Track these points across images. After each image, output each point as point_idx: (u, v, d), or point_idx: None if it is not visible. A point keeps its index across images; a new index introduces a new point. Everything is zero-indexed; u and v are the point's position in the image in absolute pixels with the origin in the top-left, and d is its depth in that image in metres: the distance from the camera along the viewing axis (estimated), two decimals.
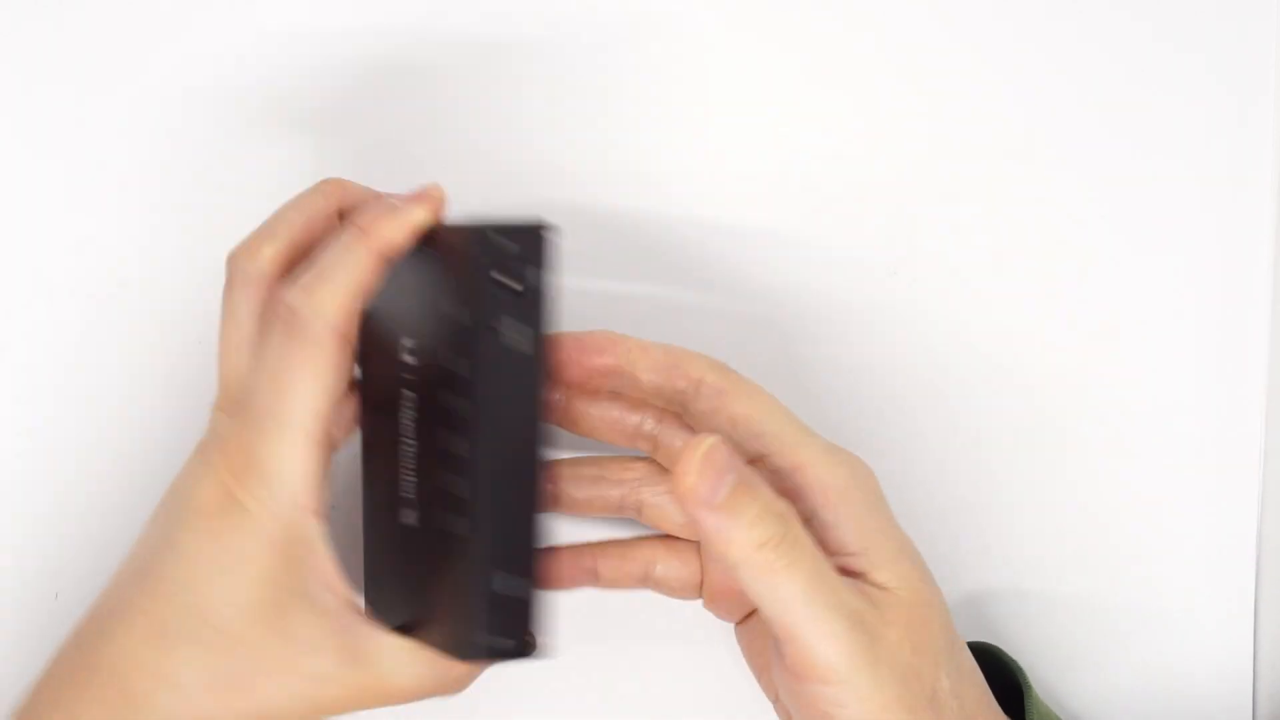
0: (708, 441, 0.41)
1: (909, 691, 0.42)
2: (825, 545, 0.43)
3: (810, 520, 0.44)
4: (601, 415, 0.48)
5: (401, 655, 0.43)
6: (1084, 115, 0.54)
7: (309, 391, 0.42)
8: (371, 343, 0.44)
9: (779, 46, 0.54)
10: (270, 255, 0.44)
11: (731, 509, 0.41)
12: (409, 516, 0.44)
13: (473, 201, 0.53)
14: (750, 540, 0.41)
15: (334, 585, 0.43)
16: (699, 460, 0.40)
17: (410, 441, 0.43)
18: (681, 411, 0.47)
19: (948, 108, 0.54)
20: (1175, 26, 0.53)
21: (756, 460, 0.45)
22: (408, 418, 0.43)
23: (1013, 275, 0.54)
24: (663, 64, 0.54)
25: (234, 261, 0.45)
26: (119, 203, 0.55)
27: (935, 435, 0.54)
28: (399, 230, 0.43)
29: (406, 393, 0.43)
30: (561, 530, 0.50)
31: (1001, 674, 0.49)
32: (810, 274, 0.55)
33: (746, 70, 0.54)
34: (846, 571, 0.44)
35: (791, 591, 0.41)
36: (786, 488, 0.44)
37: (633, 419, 0.48)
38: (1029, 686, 0.48)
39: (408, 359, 0.43)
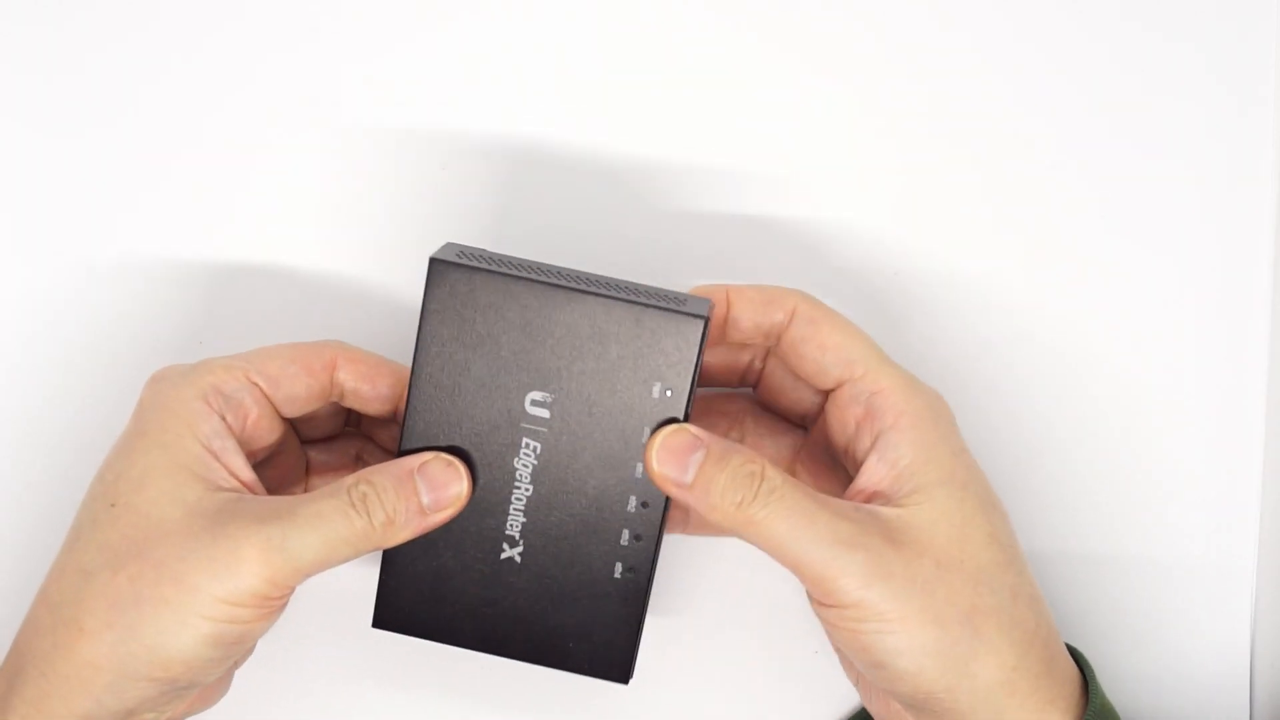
0: (666, 430, 0.46)
1: (934, 603, 0.45)
2: (882, 462, 0.47)
3: (879, 439, 0.47)
4: (715, 361, 0.52)
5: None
6: (1085, 115, 0.54)
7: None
8: (473, 381, 0.47)
9: (779, 46, 0.54)
10: (240, 383, 0.48)
11: (704, 484, 0.45)
12: (510, 552, 0.48)
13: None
14: (728, 503, 0.45)
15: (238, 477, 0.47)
16: (658, 448, 0.46)
17: (525, 485, 0.47)
18: (776, 343, 0.49)
19: (948, 108, 0.54)
20: (1175, 26, 0.53)
21: (841, 385, 0.48)
22: (525, 464, 0.47)
23: (1013, 276, 0.54)
24: (662, 63, 0.54)
25: (206, 374, 0.48)
26: (122, 203, 0.56)
27: None
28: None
29: (529, 441, 0.47)
30: None
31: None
32: (811, 274, 0.55)
33: (747, 71, 0.54)
34: (878, 494, 0.47)
35: (780, 534, 0.45)
36: (862, 411, 0.48)
37: (743, 358, 0.52)
38: (1093, 676, 0.48)
39: (535, 410, 0.47)
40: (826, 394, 0.49)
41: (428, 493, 0.46)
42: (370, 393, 0.49)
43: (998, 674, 0.45)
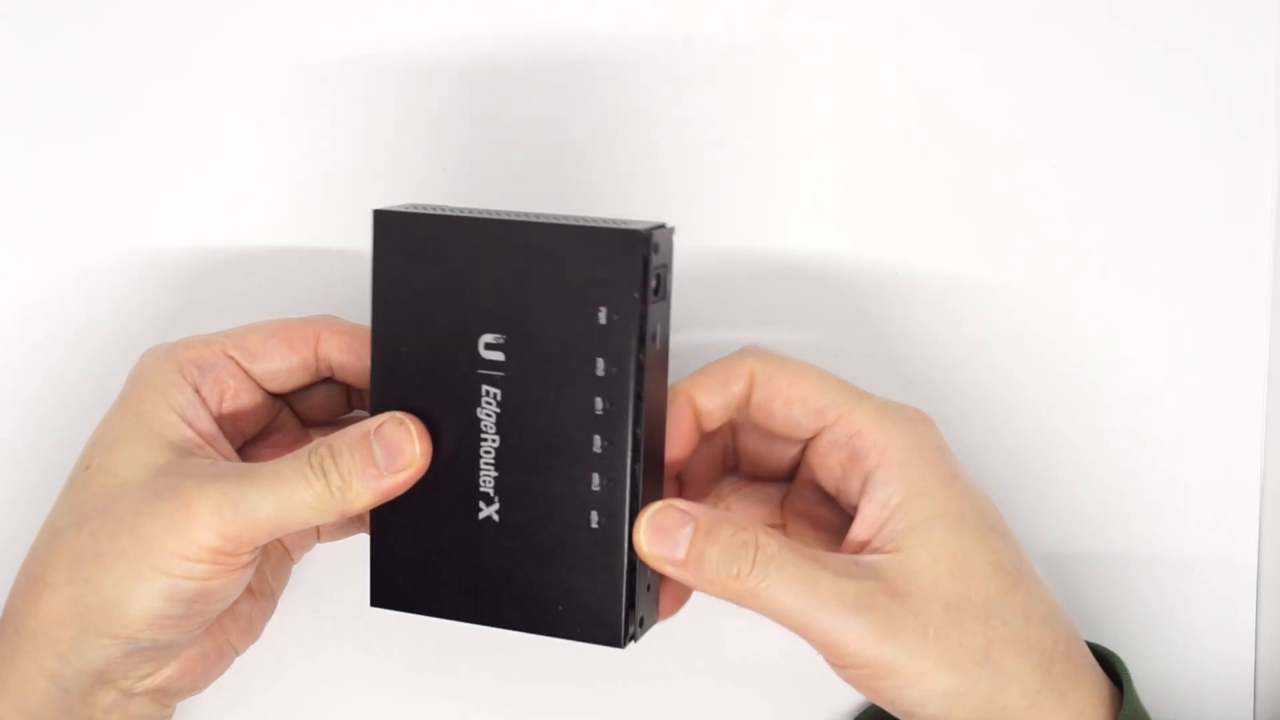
0: (652, 508, 0.45)
1: (949, 649, 0.44)
2: (873, 504, 0.46)
3: (868, 481, 0.46)
4: (699, 464, 0.51)
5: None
6: (1085, 116, 0.54)
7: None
8: (428, 333, 0.46)
9: (779, 48, 0.54)
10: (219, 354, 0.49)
11: (695, 559, 0.44)
12: (487, 510, 0.46)
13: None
14: (725, 577, 0.44)
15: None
16: (645, 528, 0.45)
17: (492, 437, 0.45)
18: (746, 413, 0.48)
19: (948, 110, 0.54)
20: (1174, 32, 0.53)
21: (817, 433, 0.47)
22: (488, 413, 0.45)
23: (1013, 277, 0.54)
24: (664, 66, 0.54)
25: (185, 349, 0.49)
26: (123, 203, 0.56)
27: None
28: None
29: (488, 388, 0.45)
30: None
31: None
32: (811, 274, 0.55)
33: (748, 71, 0.54)
34: (875, 539, 0.46)
35: (784, 604, 0.44)
36: (845, 456, 0.47)
37: (716, 446, 0.51)
38: (1128, 679, 0.48)
39: (490, 355, 0.45)
40: (806, 443, 0.49)
41: (383, 455, 0.46)
42: (357, 365, 0.49)
43: (1022, 700, 0.45)
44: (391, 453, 0.46)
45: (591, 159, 0.55)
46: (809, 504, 0.50)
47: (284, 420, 0.52)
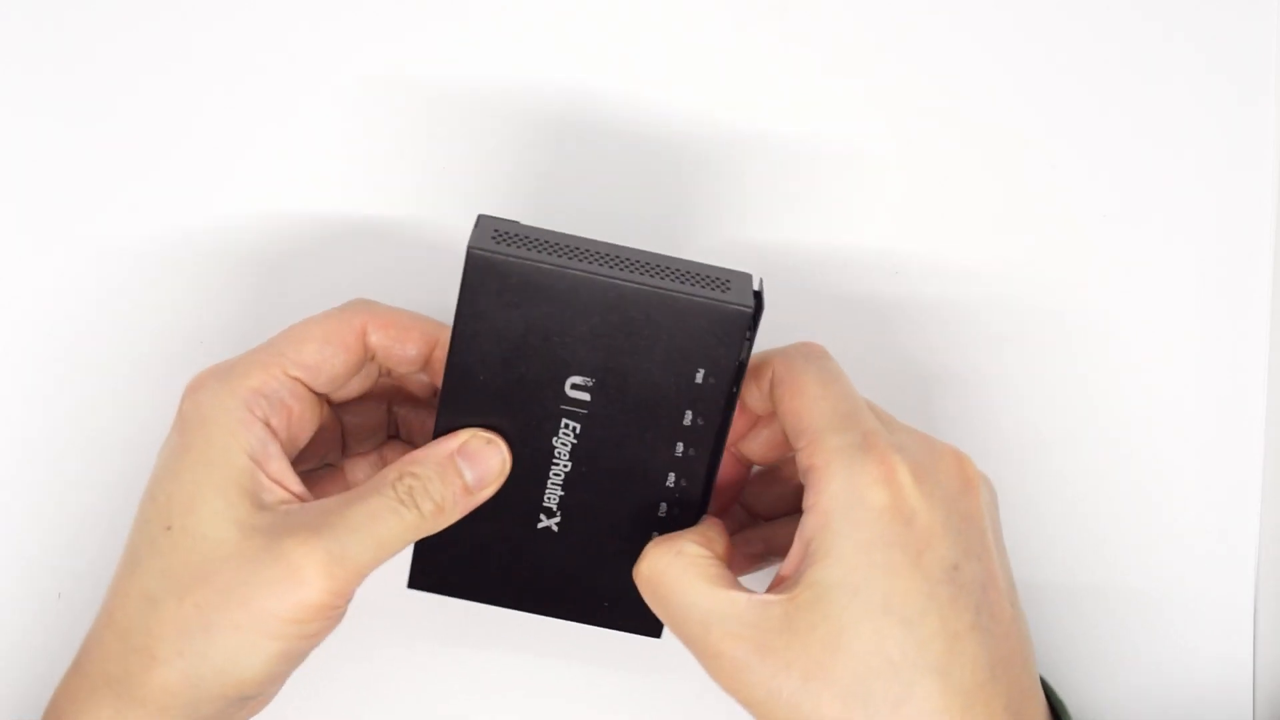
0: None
1: (806, 717, 0.43)
2: (801, 542, 0.45)
3: (803, 517, 0.45)
4: (760, 444, 0.51)
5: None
6: (1086, 115, 0.54)
7: None
8: (511, 367, 0.47)
9: (780, 46, 0.54)
10: (277, 377, 0.48)
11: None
12: (547, 522, 0.49)
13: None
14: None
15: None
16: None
17: (564, 463, 0.48)
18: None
19: (949, 106, 0.54)
20: (1175, 31, 0.53)
21: (796, 451, 0.46)
22: (563, 442, 0.48)
23: (1014, 276, 0.54)
24: (668, 62, 0.54)
25: (245, 378, 0.47)
26: (124, 203, 0.56)
27: (935, 436, 0.54)
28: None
29: (568, 422, 0.47)
30: None
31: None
32: (812, 274, 0.55)
33: (748, 71, 0.54)
34: (781, 579, 0.45)
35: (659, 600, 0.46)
36: (805, 484, 0.45)
37: (785, 470, 0.51)
38: (1065, 711, 0.47)
39: (575, 394, 0.47)
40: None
41: (470, 471, 0.47)
42: (401, 352, 0.49)
43: None
44: (479, 470, 0.47)
45: (596, 159, 0.55)
46: None
47: (324, 413, 0.52)
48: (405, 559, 0.50)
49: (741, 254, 0.55)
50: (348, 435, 0.52)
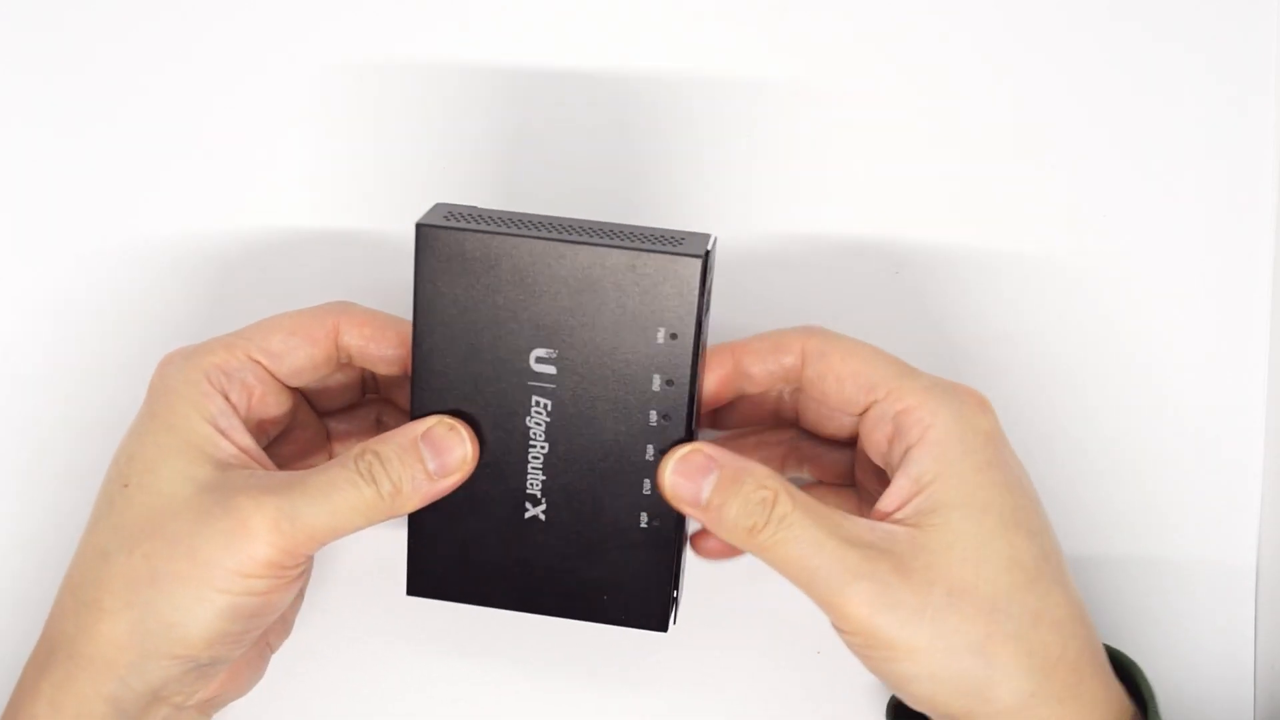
0: (681, 450, 0.46)
1: (943, 633, 0.44)
2: (906, 478, 0.46)
3: (905, 456, 0.46)
4: (745, 407, 0.52)
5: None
6: (1085, 115, 0.54)
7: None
8: (475, 345, 0.46)
9: (779, 47, 0.54)
10: (243, 361, 0.48)
11: (717, 506, 0.45)
12: (534, 510, 0.48)
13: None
14: (741, 528, 0.45)
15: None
16: (671, 470, 0.46)
17: (541, 444, 0.47)
18: (799, 384, 0.49)
19: (949, 108, 0.54)
20: (1175, 31, 0.53)
21: (868, 408, 0.48)
22: (537, 422, 0.47)
23: (1015, 276, 0.54)
24: (670, 65, 0.55)
25: (209, 355, 0.48)
26: (120, 202, 0.56)
27: None
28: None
29: (538, 399, 0.46)
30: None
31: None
32: (813, 274, 0.55)
33: (750, 70, 0.54)
34: (899, 512, 0.46)
35: (789, 561, 0.45)
36: (891, 430, 0.47)
37: (769, 399, 0.52)
38: (1153, 702, 0.48)
39: (541, 368, 0.46)
40: (860, 416, 0.49)
41: (433, 458, 0.46)
42: (377, 353, 0.49)
43: (1014, 700, 0.45)
44: (441, 456, 0.46)
45: (600, 158, 0.55)
46: (870, 475, 0.51)
47: (302, 413, 0.52)
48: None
49: (741, 252, 0.55)
50: (336, 444, 0.53)
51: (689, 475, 0.46)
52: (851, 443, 0.51)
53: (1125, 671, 0.49)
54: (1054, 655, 0.45)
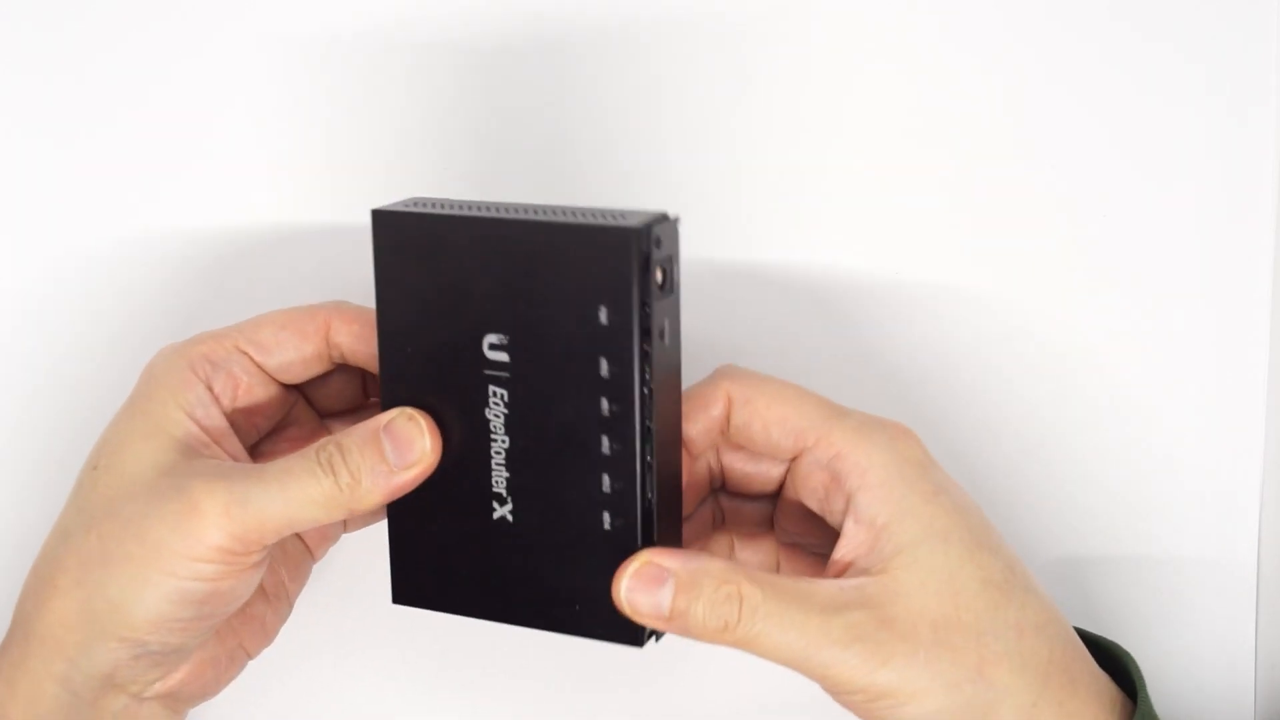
0: (632, 564, 0.44)
1: (941, 670, 0.44)
2: (859, 525, 0.46)
3: (850, 502, 0.46)
4: (688, 499, 0.50)
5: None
6: (1085, 116, 0.54)
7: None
8: (433, 333, 0.45)
9: (780, 48, 0.54)
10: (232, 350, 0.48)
11: (680, 616, 0.44)
12: (501, 510, 0.46)
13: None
14: (712, 630, 0.44)
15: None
16: (625, 587, 0.44)
17: (501, 437, 0.45)
18: (726, 434, 0.48)
19: (950, 111, 0.54)
20: (1175, 31, 0.53)
21: (798, 455, 0.47)
22: (496, 414, 0.45)
23: (1016, 277, 0.54)
24: (669, 67, 0.55)
25: (197, 345, 0.48)
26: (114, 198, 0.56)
27: (936, 436, 0.54)
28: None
29: (495, 389, 0.45)
30: None
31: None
32: (814, 275, 0.55)
33: (749, 70, 0.54)
34: (860, 560, 0.45)
35: (774, 649, 0.44)
36: (827, 477, 0.47)
37: (700, 468, 0.50)
38: (1142, 682, 0.48)
39: (495, 355, 0.45)
40: (789, 463, 0.49)
41: (393, 450, 0.46)
42: (367, 351, 0.49)
43: (1018, 715, 0.45)
44: (401, 448, 0.46)
45: (594, 160, 0.55)
46: (797, 520, 0.50)
47: (299, 412, 0.52)
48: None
49: (740, 256, 0.55)
50: None
51: (644, 589, 0.44)
52: (772, 494, 0.51)
53: (1112, 658, 0.49)
54: (1044, 660, 0.46)
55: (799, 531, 0.50)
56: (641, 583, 0.44)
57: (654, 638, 0.46)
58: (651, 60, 0.54)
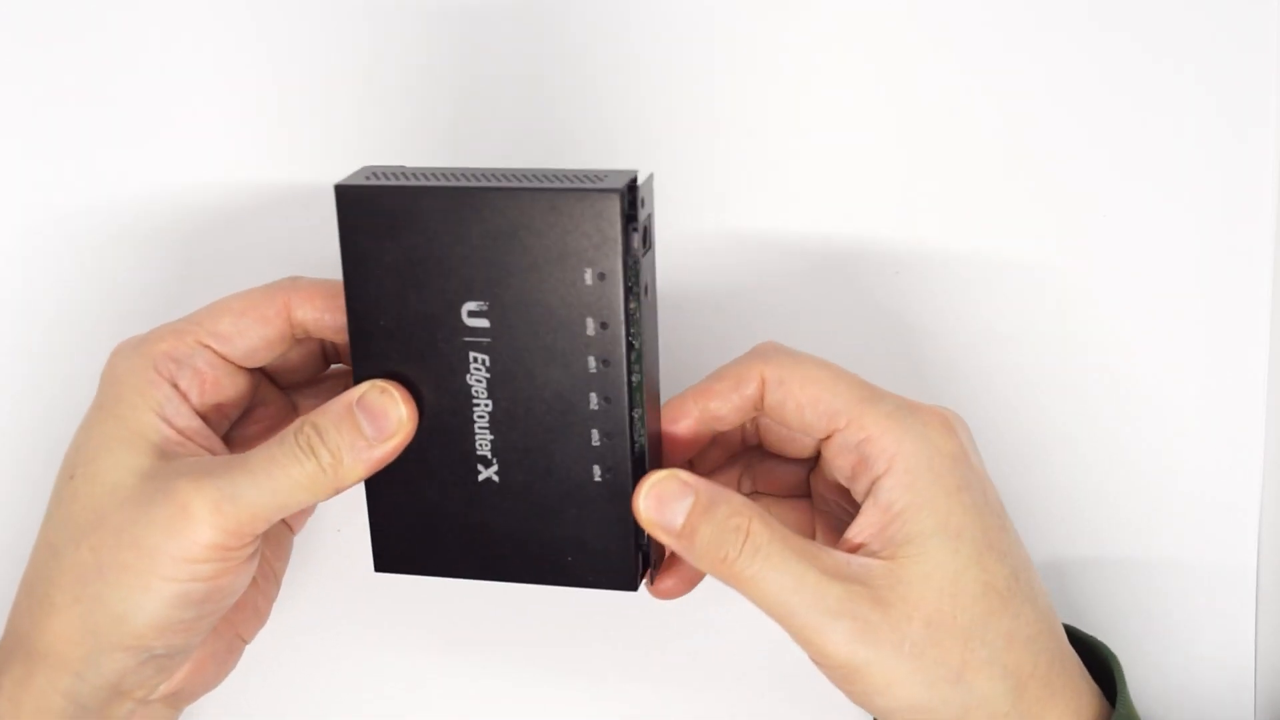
0: (656, 476, 0.45)
1: (922, 666, 0.44)
2: (876, 508, 0.46)
3: (874, 485, 0.46)
4: (711, 455, 0.51)
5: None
6: (1086, 116, 0.54)
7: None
8: (406, 305, 0.45)
9: (780, 47, 0.54)
10: (192, 345, 0.48)
11: (690, 534, 0.45)
12: (486, 472, 0.47)
13: None
14: (713, 557, 0.44)
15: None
16: (645, 494, 0.45)
17: (484, 401, 0.46)
18: (761, 411, 0.48)
19: (950, 113, 0.54)
20: (1175, 33, 0.53)
21: (830, 435, 0.47)
22: (477, 379, 0.45)
23: (1016, 277, 0.54)
24: (668, 65, 0.54)
25: (158, 343, 0.48)
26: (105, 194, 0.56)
27: None
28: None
29: (475, 355, 0.45)
30: None
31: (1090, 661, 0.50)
32: (814, 274, 0.55)
33: (750, 71, 0.54)
34: (871, 542, 0.45)
35: (766, 594, 0.44)
36: (855, 459, 0.47)
37: (735, 437, 0.51)
38: (1122, 678, 0.48)
39: (474, 322, 0.45)
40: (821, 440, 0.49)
41: (369, 424, 0.46)
42: (332, 322, 0.49)
43: None
44: (377, 421, 0.46)
45: (565, 146, 0.55)
46: (832, 487, 0.50)
47: (265, 391, 0.52)
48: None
49: (741, 257, 0.55)
50: None
51: (663, 500, 0.45)
52: (808, 459, 0.51)
53: (1099, 657, 0.49)
54: (1026, 673, 0.46)
55: (834, 498, 0.50)
56: (662, 494, 0.45)
57: (646, 576, 0.48)
58: (639, 49, 0.54)
